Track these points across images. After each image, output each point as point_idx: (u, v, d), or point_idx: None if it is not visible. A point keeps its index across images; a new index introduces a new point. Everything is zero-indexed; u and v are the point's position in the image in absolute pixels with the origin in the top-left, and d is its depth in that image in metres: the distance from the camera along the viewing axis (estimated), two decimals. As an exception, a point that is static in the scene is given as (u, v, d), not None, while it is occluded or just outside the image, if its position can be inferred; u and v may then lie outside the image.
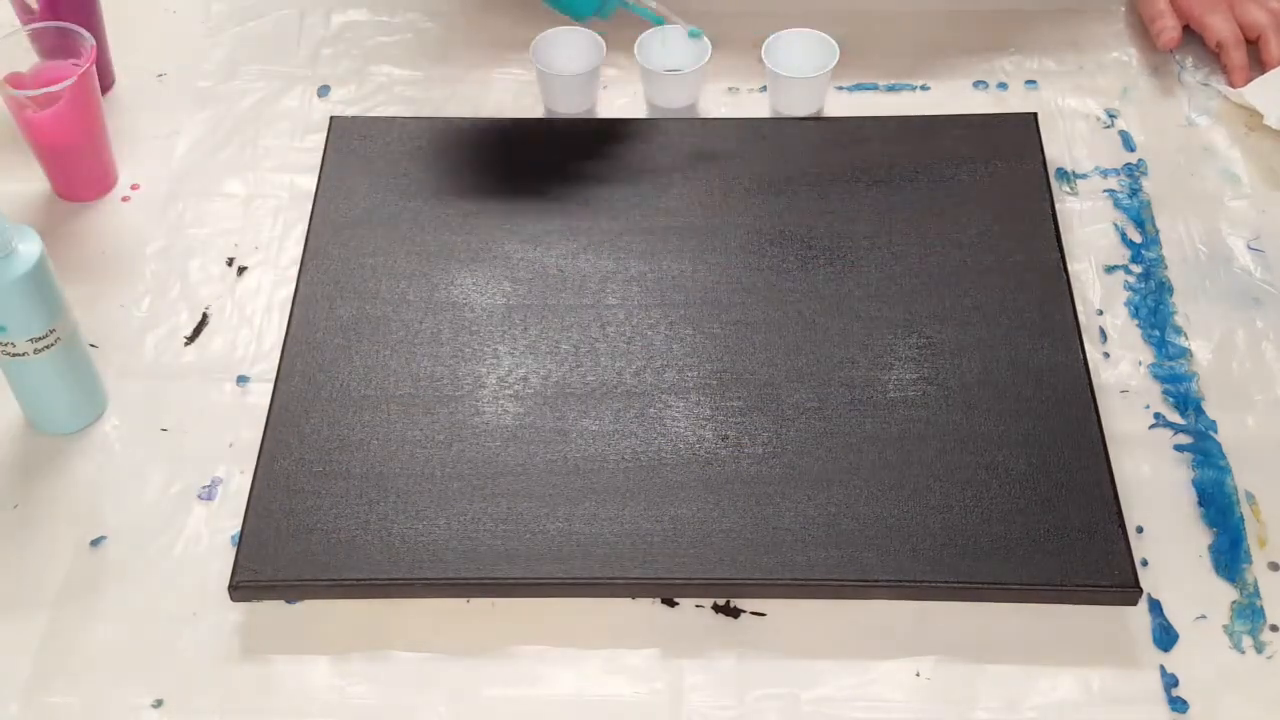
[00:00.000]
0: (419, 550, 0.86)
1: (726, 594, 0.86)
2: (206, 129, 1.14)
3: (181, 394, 0.97)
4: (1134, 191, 1.07)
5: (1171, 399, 0.95)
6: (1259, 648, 0.84)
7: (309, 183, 1.08)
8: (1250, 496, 0.90)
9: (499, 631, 0.85)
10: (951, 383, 0.94)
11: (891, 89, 1.15)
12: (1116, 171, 1.09)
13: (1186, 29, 1.16)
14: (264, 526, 0.88)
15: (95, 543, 0.89)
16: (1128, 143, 1.11)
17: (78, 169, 1.08)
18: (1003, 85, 1.15)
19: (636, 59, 1.11)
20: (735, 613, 0.86)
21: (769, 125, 1.11)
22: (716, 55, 1.11)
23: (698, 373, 0.95)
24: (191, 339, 1.00)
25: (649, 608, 0.86)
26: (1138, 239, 1.04)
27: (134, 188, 1.09)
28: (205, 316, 1.01)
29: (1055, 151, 1.09)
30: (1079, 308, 0.98)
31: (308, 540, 0.87)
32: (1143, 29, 1.19)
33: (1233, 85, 1.13)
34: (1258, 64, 1.14)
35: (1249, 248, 1.04)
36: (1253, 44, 1.14)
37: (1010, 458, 0.90)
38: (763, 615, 0.86)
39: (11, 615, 0.86)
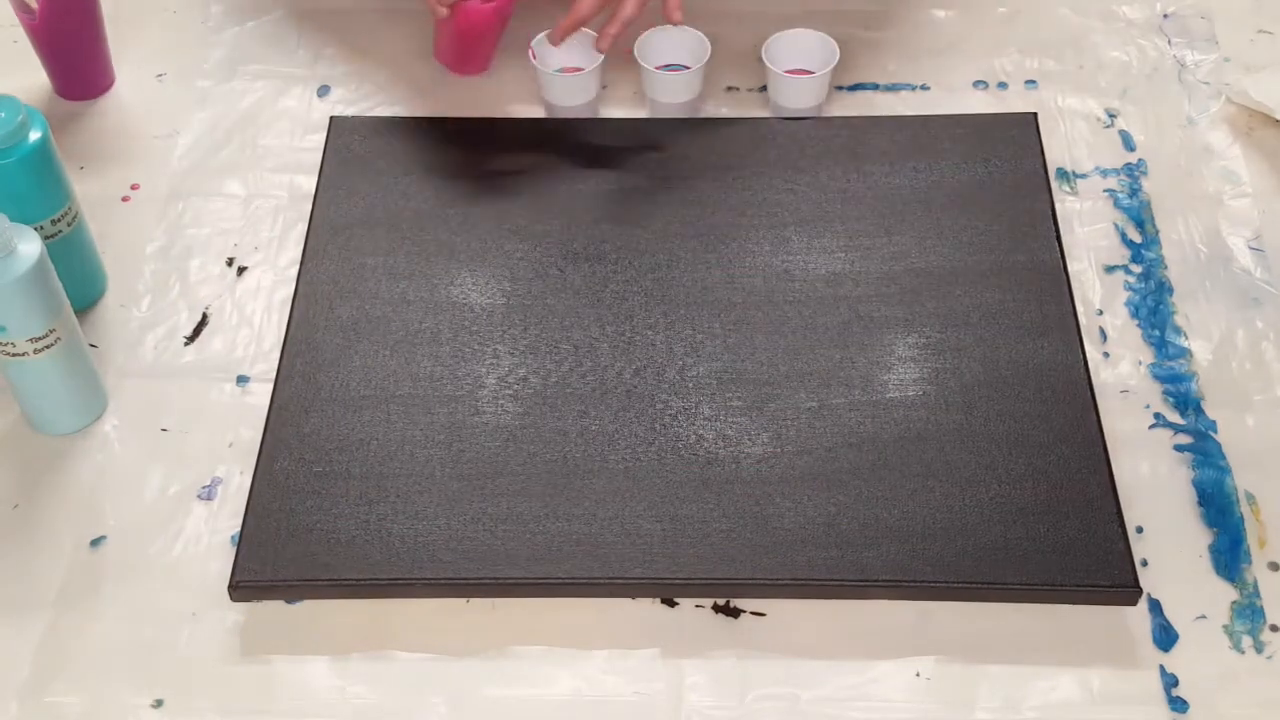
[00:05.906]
0: (419, 550, 0.86)
1: (726, 594, 0.86)
2: (206, 129, 1.13)
3: (181, 394, 0.97)
4: (1134, 191, 1.07)
5: (1171, 399, 0.95)
6: (1259, 648, 0.84)
7: (309, 183, 1.08)
8: (1250, 496, 0.90)
9: (499, 631, 0.85)
10: (951, 383, 0.94)
11: (891, 89, 1.15)
12: (1116, 171, 1.09)
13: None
14: (264, 526, 0.88)
15: (95, 543, 0.89)
16: (1128, 142, 1.11)
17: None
18: (1003, 85, 1.15)
19: (636, 58, 1.11)
20: (735, 613, 0.86)
21: (769, 125, 1.11)
22: (716, 55, 1.11)
23: (697, 373, 0.95)
24: (191, 339, 1.00)
25: (649, 608, 0.86)
26: (1138, 239, 1.04)
27: (134, 187, 1.09)
28: (205, 316, 1.01)
29: (1055, 151, 1.09)
30: (1079, 308, 0.98)
31: (307, 540, 0.87)
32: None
33: None
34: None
35: (1249, 247, 1.04)
36: None
37: (1010, 458, 0.90)
38: (763, 615, 0.86)
39: (12, 615, 0.86)
